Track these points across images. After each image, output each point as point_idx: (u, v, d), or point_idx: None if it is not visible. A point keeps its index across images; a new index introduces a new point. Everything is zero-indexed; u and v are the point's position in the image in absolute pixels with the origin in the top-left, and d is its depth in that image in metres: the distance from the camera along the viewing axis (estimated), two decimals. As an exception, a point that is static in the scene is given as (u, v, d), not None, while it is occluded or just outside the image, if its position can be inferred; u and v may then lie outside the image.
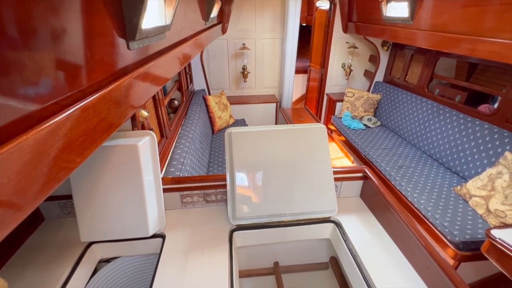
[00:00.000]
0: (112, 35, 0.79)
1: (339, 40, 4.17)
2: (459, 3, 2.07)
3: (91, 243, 1.41)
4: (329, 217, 1.59)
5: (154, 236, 1.45)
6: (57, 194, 1.50)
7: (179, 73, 3.09)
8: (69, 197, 1.42)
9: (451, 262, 1.92)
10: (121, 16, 0.83)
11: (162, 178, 1.53)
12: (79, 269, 1.29)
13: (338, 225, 1.57)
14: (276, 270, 1.91)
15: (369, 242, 1.43)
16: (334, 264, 1.91)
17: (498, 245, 1.27)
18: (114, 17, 0.79)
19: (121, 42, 0.85)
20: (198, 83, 4.01)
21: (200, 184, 1.61)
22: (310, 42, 4.90)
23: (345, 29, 4.06)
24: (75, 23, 0.62)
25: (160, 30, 1.09)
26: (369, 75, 4.36)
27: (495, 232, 1.32)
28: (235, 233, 1.51)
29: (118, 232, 1.37)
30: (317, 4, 4.57)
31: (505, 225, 1.88)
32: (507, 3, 1.72)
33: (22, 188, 0.46)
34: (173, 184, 1.58)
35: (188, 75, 3.66)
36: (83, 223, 1.32)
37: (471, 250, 1.86)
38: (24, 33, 0.48)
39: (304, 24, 6.16)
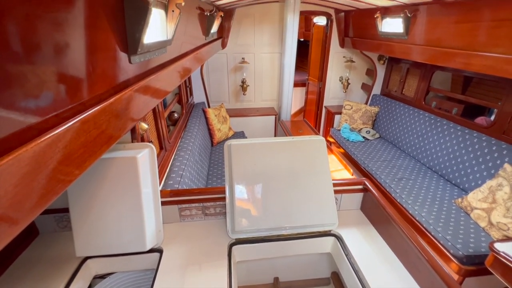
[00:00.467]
0: (114, 50, 0.81)
1: (336, 54, 4.27)
2: (452, 19, 2.14)
3: (86, 258, 1.37)
4: (330, 231, 1.57)
5: (151, 250, 1.42)
6: (54, 208, 1.48)
7: (179, 86, 3.14)
8: (66, 210, 1.40)
9: (455, 277, 1.87)
10: (123, 31, 0.85)
11: (161, 191, 1.51)
12: (73, 285, 1.25)
13: (339, 238, 1.54)
14: (276, 286, 1.86)
15: (371, 256, 1.40)
16: (336, 279, 1.86)
17: (502, 259, 1.24)
18: (117, 32, 0.81)
19: (123, 56, 0.86)
20: (198, 96, 4.06)
21: (199, 197, 1.59)
22: (308, 56, 5.01)
23: (342, 44, 4.16)
24: (78, 38, 0.64)
25: (162, 45, 1.11)
26: (366, 88, 4.42)
27: (498, 246, 1.29)
28: (234, 247, 1.48)
29: (115, 246, 1.34)
30: (314, 20, 4.71)
31: (508, 238, 1.86)
32: (498, 20, 1.78)
33: (19, 201, 0.45)
34: (172, 197, 1.56)
35: (188, 88, 3.71)
36: (79, 237, 1.29)
37: (475, 264, 1.82)
38: (28, 48, 0.49)
39: (302, 39, 6.33)
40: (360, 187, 1.70)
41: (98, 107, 0.68)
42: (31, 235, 1.49)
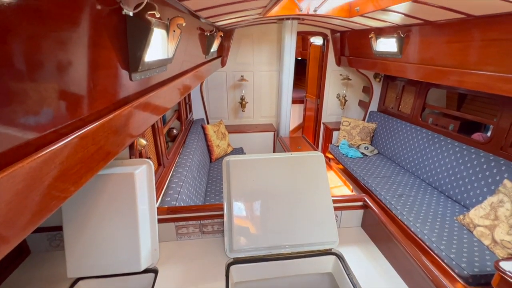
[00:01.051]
0: (115, 67, 0.82)
1: (333, 72, 4.38)
2: (443, 40, 2.22)
3: (78, 279, 1.32)
4: (330, 249, 1.53)
5: (146, 271, 1.37)
6: (46, 226, 1.44)
7: (179, 103, 3.17)
8: (59, 228, 1.36)
9: (461, 298, 1.81)
10: (125, 50, 0.87)
11: (157, 208, 1.49)
12: (62, 309, 1.20)
13: (340, 257, 1.50)
14: (275, 309, 1.78)
15: (374, 276, 1.36)
16: (338, 301, 1.79)
17: (509, 279, 1.21)
18: (119, 51, 0.83)
19: (124, 73, 0.88)
20: (197, 113, 4.10)
21: (196, 214, 1.56)
22: (306, 74, 5.13)
23: (338, 63, 4.28)
24: (81, 56, 0.65)
25: (162, 63, 1.14)
26: (363, 105, 4.50)
27: (504, 265, 1.26)
28: (232, 267, 1.43)
29: (108, 266, 1.29)
30: (311, 40, 4.88)
31: (513, 257, 1.81)
32: (487, 40, 1.85)
33: (11, 219, 0.44)
34: (169, 214, 1.53)
35: (187, 105, 3.75)
36: (72, 256, 1.25)
37: (482, 284, 1.76)
38: (31, 66, 0.50)
39: (300, 58, 6.51)
40: (360, 203, 1.67)
41: (97, 123, 0.69)
42: (22, 254, 1.44)
